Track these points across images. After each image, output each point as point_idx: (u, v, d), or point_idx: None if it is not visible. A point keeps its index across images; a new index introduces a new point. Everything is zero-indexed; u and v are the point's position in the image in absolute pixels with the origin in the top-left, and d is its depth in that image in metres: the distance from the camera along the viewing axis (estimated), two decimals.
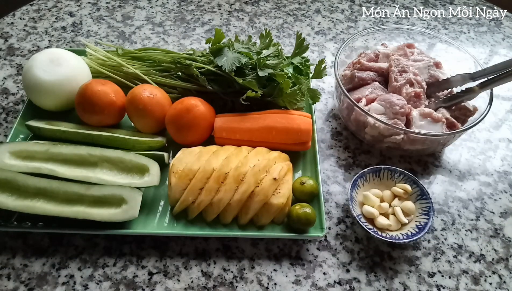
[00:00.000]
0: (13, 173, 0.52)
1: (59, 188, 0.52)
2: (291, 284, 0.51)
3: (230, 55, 0.61)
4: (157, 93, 0.61)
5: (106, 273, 0.50)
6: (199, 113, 0.59)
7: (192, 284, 0.50)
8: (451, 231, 0.57)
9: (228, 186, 0.52)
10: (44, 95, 0.62)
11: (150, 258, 0.52)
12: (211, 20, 0.90)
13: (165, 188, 0.57)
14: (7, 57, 0.78)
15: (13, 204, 0.51)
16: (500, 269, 0.54)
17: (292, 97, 0.62)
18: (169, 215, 0.55)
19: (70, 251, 0.52)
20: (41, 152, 0.56)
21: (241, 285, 0.50)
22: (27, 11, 0.89)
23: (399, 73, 0.65)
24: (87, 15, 0.89)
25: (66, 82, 0.61)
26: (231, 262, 0.52)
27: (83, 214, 0.50)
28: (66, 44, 0.82)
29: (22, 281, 0.49)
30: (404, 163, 0.65)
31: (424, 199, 0.56)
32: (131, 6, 0.92)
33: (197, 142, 0.61)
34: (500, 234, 0.57)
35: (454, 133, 0.59)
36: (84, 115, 0.61)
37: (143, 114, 0.59)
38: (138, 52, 0.69)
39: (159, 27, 0.87)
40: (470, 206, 0.60)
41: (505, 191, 0.63)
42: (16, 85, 0.73)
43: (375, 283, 0.51)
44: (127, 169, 0.56)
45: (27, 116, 0.64)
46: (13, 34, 0.83)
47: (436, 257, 0.54)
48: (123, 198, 0.51)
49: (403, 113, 0.60)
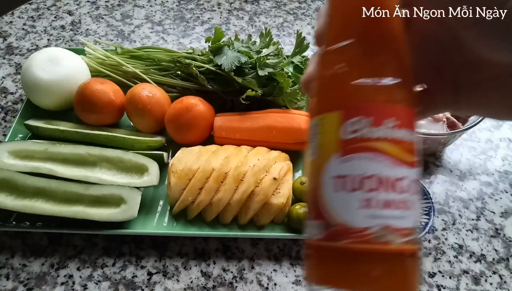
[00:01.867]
0: (12, 172, 0.52)
1: (58, 187, 0.52)
2: (291, 284, 0.51)
3: (230, 54, 0.61)
4: (157, 92, 0.60)
5: (105, 273, 0.50)
6: (198, 112, 0.58)
7: (191, 284, 0.50)
8: (451, 231, 0.57)
9: (228, 185, 0.52)
10: (43, 95, 0.61)
11: (149, 258, 0.52)
12: (211, 19, 0.90)
13: (164, 187, 0.57)
14: (5, 56, 0.78)
15: (12, 203, 0.50)
16: (500, 269, 0.54)
17: (292, 97, 0.62)
18: (168, 215, 0.54)
19: (69, 251, 0.52)
20: (40, 151, 0.55)
21: (240, 285, 0.50)
22: (26, 10, 0.89)
23: None
24: (86, 14, 0.89)
25: (65, 81, 0.61)
26: (231, 262, 0.52)
27: (82, 213, 0.50)
28: (65, 43, 0.82)
29: (21, 281, 0.49)
30: None
31: (425, 198, 0.56)
32: (130, 5, 0.92)
33: (197, 141, 0.61)
34: (501, 234, 0.57)
35: (455, 133, 0.59)
36: (83, 115, 0.61)
37: (142, 114, 0.59)
38: (137, 51, 0.68)
39: (158, 26, 0.87)
40: (471, 206, 0.60)
41: (505, 191, 0.62)
42: (14, 84, 0.73)
43: None
44: (126, 168, 0.55)
45: (26, 115, 0.64)
46: (11, 33, 0.83)
47: (436, 257, 0.54)
48: (122, 197, 0.51)
49: None
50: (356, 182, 0.23)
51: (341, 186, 0.23)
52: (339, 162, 0.23)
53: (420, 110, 0.26)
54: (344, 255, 0.23)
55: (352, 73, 0.25)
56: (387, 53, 0.24)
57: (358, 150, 0.23)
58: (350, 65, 0.25)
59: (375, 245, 0.22)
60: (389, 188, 0.22)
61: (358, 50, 0.25)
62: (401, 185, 0.23)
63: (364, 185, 0.22)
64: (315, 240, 0.25)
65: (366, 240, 0.22)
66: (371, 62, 0.25)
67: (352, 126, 0.23)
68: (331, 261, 0.24)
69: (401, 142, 0.23)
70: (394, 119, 0.23)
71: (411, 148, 0.23)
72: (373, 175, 0.22)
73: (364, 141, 0.23)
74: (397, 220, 0.22)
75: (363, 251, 0.22)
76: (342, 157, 0.23)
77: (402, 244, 0.22)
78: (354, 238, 0.22)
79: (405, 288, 0.23)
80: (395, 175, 0.22)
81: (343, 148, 0.23)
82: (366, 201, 0.22)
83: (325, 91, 0.26)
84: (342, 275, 0.23)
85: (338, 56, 0.25)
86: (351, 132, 0.23)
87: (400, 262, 0.23)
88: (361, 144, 0.23)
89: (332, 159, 0.24)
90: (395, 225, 0.22)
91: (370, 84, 0.24)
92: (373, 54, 0.25)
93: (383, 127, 0.23)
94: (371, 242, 0.22)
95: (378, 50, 0.25)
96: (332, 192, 0.23)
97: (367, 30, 0.25)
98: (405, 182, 0.23)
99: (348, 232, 0.23)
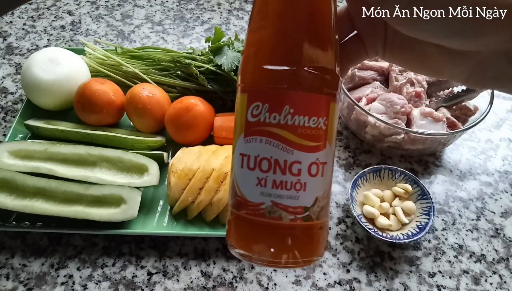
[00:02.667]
0: (12, 172, 0.52)
1: (58, 187, 0.52)
2: (291, 284, 0.50)
3: (230, 54, 0.61)
4: (157, 92, 0.60)
5: (105, 273, 0.50)
6: (198, 112, 0.58)
7: (191, 284, 0.50)
8: (451, 231, 0.57)
9: (228, 185, 0.52)
10: (43, 95, 0.61)
11: (149, 258, 0.52)
12: (211, 18, 0.90)
13: (164, 187, 0.57)
14: (5, 56, 0.78)
15: (12, 203, 0.50)
16: (500, 269, 0.54)
17: None
18: (168, 215, 0.54)
19: (69, 251, 0.52)
20: (40, 151, 0.55)
21: (240, 285, 0.50)
22: (26, 10, 0.89)
23: (400, 73, 0.65)
24: (86, 14, 0.89)
25: (65, 81, 0.61)
26: (231, 262, 0.52)
27: (82, 213, 0.50)
28: (65, 43, 0.82)
29: (21, 281, 0.49)
30: (404, 162, 0.65)
31: (424, 198, 0.56)
32: (130, 4, 0.92)
33: (197, 141, 0.61)
34: (501, 234, 0.57)
35: (455, 133, 0.59)
36: (83, 115, 0.61)
37: (142, 114, 0.59)
38: (137, 51, 0.68)
39: (158, 26, 0.87)
40: (471, 206, 0.60)
41: (505, 191, 0.62)
42: (14, 84, 0.73)
43: (376, 283, 0.51)
44: (126, 168, 0.55)
45: (26, 115, 0.64)
46: (11, 33, 0.83)
47: (436, 257, 0.54)
48: (122, 197, 0.51)
49: (403, 113, 0.60)
50: (254, 162, 0.25)
51: (244, 163, 0.25)
52: (243, 142, 0.26)
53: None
54: (244, 223, 0.26)
55: (257, 57, 0.26)
56: (292, 39, 0.25)
57: (257, 133, 0.25)
58: (257, 48, 0.26)
59: (267, 219, 0.25)
60: (280, 171, 0.24)
61: (265, 33, 0.25)
62: (292, 168, 0.24)
63: (259, 165, 0.25)
64: (230, 206, 0.27)
65: (260, 214, 0.25)
66: (274, 47, 0.25)
67: (254, 110, 0.25)
68: (236, 226, 0.27)
69: (297, 129, 0.24)
70: (290, 106, 0.24)
71: (311, 133, 0.25)
72: (266, 158, 0.24)
73: (262, 126, 0.25)
74: (286, 200, 0.24)
75: (257, 223, 0.25)
76: (245, 137, 0.25)
77: (292, 220, 0.25)
78: (251, 210, 0.25)
79: (297, 256, 0.25)
80: (287, 159, 0.24)
81: (246, 130, 0.25)
82: (260, 180, 0.25)
83: (241, 71, 0.27)
84: (244, 240, 0.26)
85: (252, 36, 0.26)
86: (253, 116, 0.25)
87: (290, 235, 0.25)
88: (259, 128, 0.25)
89: (240, 137, 0.26)
90: (284, 203, 0.24)
91: (272, 70, 0.25)
92: (278, 39, 0.25)
93: (279, 114, 0.24)
94: (264, 216, 0.25)
95: (284, 34, 0.25)
96: (239, 167, 0.26)
97: (275, 13, 0.25)
98: (297, 165, 0.24)
99: (246, 204, 0.25)
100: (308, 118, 0.24)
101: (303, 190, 0.25)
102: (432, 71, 0.27)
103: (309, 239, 0.26)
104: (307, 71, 0.24)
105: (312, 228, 0.26)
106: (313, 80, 0.24)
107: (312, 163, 0.25)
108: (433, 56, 0.25)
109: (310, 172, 0.25)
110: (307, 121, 0.24)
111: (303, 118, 0.24)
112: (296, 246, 0.25)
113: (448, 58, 0.25)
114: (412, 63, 0.27)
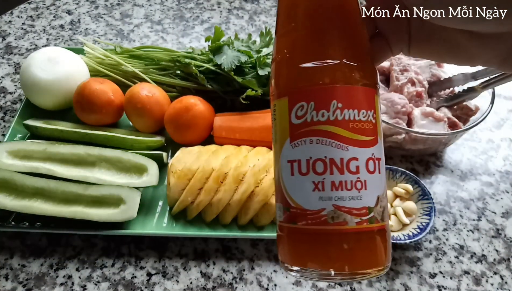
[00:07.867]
0: (11, 172, 0.52)
1: (57, 187, 0.52)
2: (291, 285, 0.50)
3: (230, 53, 0.60)
4: (156, 92, 0.60)
5: (105, 274, 0.50)
6: (198, 112, 0.58)
7: (191, 285, 0.50)
8: (452, 231, 0.57)
9: (228, 186, 0.52)
10: (42, 94, 0.61)
11: (148, 259, 0.52)
12: (211, 18, 0.89)
13: (163, 188, 0.57)
14: (4, 55, 0.78)
15: (11, 204, 0.50)
16: (501, 269, 0.53)
17: None
18: (168, 215, 0.54)
19: (68, 252, 0.52)
20: (39, 151, 0.55)
21: (240, 286, 0.50)
22: (25, 10, 0.88)
23: (401, 72, 0.65)
24: (85, 13, 0.88)
25: (64, 81, 0.61)
26: (231, 263, 0.52)
27: (81, 214, 0.50)
28: (64, 42, 0.81)
29: (20, 282, 0.49)
30: (405, 162, 0.64)
31: (425, 199, 0.55)
32: (129, 4, 0.92)
33: (196, 141, 0.60)
34: (502, 234, 0.57)
35: (456, 133, 0.58)
36: (82, 115, 0.61)
37: (142, 114, 0.59)
38: (136, 51, 0.68)
39: (158, 25, 0.87)
40: (472, 206, 0.60)
41: (506, 191, 0.62)
42: (13, 84, 0.73)
43: (376, 284, 0.51)
44: (125, 168, 0.55)
45: (25, 115, 0.63)
46: (10, 33, 0.82)
47: (437, 258, 0.54)
48: (121, 198, 0.51)
49: (404, 113, 0.60)
50: (306, 166, 0.23)
51: (294, 170, 0.24)
52: (290, 147, 0.24)
53: (376, 56, 0.27)
54: (303, 236, 0.24)
55: (293, 58, 0.25)
56: (326, 34, 0.24)
57: (305, 134, 0.23)
58: (291, 50, 0.25)
59: (330, 226, 0.23)
60: (337, 170, 0.23)
61: (298, 34, 0.25)
62: (350, 166, 0.23)
63: (313, 168, 0.23)
64: (280, 222, 0.25)
65: (321, 222, 0.23)
66: (309, 45, 0.25)
67: (299, 111, 0.24)
68: (294, 241, 0.24)
69: (348, 123, 0.23)
70: (337, 101, 0.23)
71: (363, 127, 0.23)
72: (320, 158, 0.23)
73: (310, 126, 0.23)
74: (349, 201, 0.23)
75: (319, 232, 0.23)
76: (292, 142, 0.24)
77: (358, 223, 0.23)
78: (310, 219, 0.23)
79: (367, 265, 0.23)
80: (343, 156, 0.23)
81: (292, 133, 0.24)
82: (316, 184, 0.23)
83: (276, 76, 0.26)
84: (306, 255, 0.24)
85: (283, 41, 0.26)
86: (298, 118, 0.24)
87: (358, 240, 0.23)
88: (307, 129, 0.23)
89: (285, 144, 0.24)
90: (347, 206, 0.23)
91: (312, 68, 0.24)
92: (312, 37, 0.25)
93: (327, 110, 0.23)
94: (326, 223, 0.23)
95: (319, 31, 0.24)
96: (288, 176, 0.24)
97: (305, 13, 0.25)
98: (354, 162, 0.23)
99: (304, 214, 0.23)
100: (358, 112, 0.23)
101: (364, 188, 0.23)
102: (464, 59, 0.26)
103: (378, 244, 0.24)
104: (347, 63, 0.24)
105: (379, 231, 0.24)
106: (355, 72, 0.24)
107: (369, 159, 0.23)
108: (464, 43, 0.24)
109: (368, 168, 0.23)
110: (357, 115, 0.23)
111: (353, 111, 0.23)
112: (367, 254, 0.23)
113: (481, 44, 0.24)
114: (442, 54, 0.27)
